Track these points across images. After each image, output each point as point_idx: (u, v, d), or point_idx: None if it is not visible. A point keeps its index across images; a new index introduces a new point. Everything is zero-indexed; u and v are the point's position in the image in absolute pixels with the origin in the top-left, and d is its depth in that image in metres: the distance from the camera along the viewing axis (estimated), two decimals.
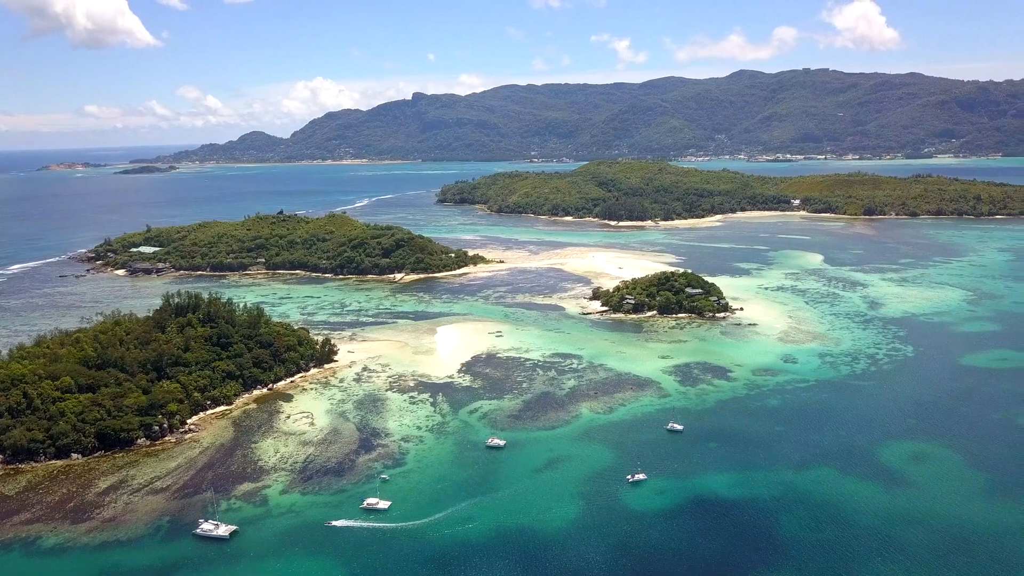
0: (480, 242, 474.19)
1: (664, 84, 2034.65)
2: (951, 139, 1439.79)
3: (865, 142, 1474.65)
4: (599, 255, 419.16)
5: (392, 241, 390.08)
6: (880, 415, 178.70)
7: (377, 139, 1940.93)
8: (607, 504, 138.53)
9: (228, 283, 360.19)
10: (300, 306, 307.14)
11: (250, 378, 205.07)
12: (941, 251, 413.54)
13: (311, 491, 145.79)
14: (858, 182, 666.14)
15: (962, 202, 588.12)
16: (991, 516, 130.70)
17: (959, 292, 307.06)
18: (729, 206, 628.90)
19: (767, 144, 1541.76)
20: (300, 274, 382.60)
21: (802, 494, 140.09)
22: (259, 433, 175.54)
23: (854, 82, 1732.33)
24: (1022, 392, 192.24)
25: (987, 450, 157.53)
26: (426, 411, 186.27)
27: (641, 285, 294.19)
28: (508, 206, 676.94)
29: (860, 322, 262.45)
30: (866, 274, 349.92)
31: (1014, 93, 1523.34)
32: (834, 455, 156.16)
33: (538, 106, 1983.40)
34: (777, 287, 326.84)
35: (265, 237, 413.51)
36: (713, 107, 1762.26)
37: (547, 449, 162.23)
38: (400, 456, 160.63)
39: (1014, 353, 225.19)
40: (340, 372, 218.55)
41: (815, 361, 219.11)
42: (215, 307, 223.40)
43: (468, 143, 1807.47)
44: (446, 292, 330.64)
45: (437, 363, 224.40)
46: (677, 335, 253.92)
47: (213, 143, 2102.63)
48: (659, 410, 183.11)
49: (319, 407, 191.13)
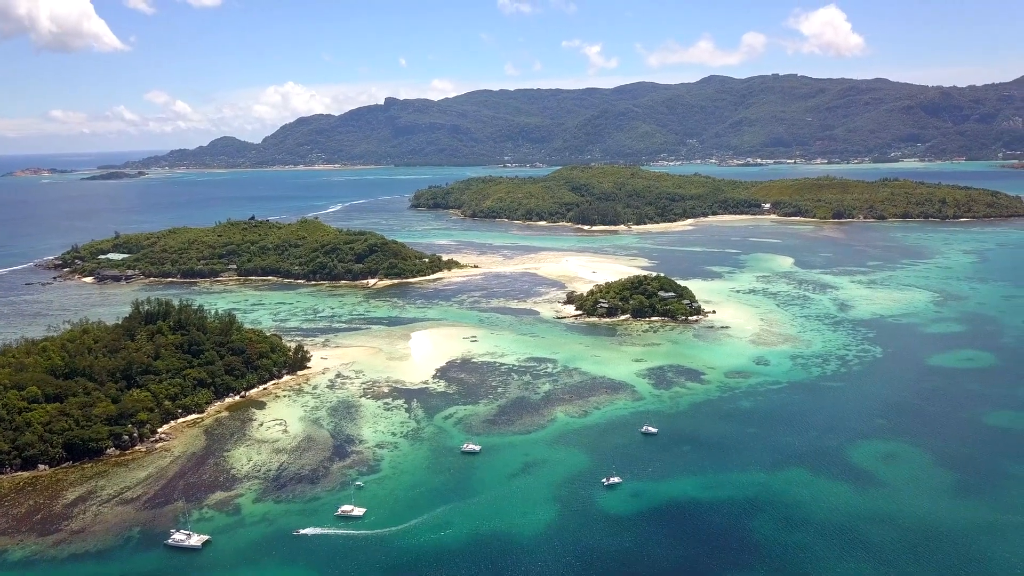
0: (454, 247, 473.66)
1: (636, 89, 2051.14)
2: (916, 143, 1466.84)
3: (833, 146, 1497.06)
4: (573, 259, 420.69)
5: (365, 246, 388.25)
6: (850, 416, 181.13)
7: (349, 144, 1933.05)
8: (582, 508, 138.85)
9: (199, 290, 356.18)
10: (272, 312, 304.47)
11: (222, 386, 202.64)
12: (908, 253, 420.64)
13: (285, 499, 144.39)
14: (827, 186, 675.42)
15: (928, 205, 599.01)
16: (959, 514, 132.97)
17: (926, 294, 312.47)
18: (701, 210, 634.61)
19: (738, 149, 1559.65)
20: (272, 280, 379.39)
21: (775, 495, 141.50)
22: (231, 441, 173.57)
23: (822, 87, 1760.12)
24: (988, 392, 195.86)
25: (954, 449, 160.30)
26: (401, 417, 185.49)
27: (614, 289, 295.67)
28: (482, 211, 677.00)
29: (830, 324, 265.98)
30: (835, 276, 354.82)
31: (976, 99, 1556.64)
32: (806, 456, 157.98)
33: (511, 111, 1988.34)
34: (748, 290, 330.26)
35: (236, 243, 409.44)
36: (684, 112, 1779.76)
37: (522, 454, 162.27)
38: (375, 463, 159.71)
39: (979, 353, 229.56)
40: (313, 379, 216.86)
41: (786, 363, 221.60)
42: (186, 314, 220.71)
43: (441, 148, 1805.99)
44: (420, 297, 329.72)
45: (411, 369, 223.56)
46: (650, 338, 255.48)
47: (183, 148, 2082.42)
48: (633, 413, 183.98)
49: (292, 414, 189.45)
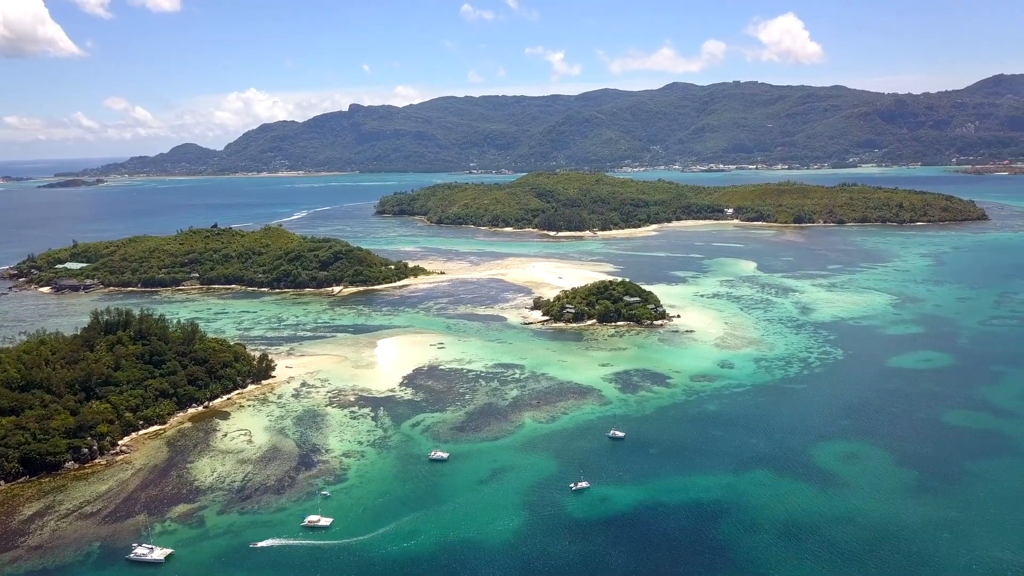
0: (420, 254, 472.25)
1: (600, 96, 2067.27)
2: (874, 149, 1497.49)
3: (794, 152, 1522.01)
4: (539, 265, 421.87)
5: (330, 254, 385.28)
6: (813, 417, 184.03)
7: (313, 151, 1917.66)
8: (550, 514, 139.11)
9: (160, 299, 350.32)
10: (236, 321, 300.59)
11: (185, 396, 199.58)
12: (867, 257, 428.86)
13: (250, 510, 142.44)
14: (788, 191, 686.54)
15: (885, 210, 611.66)
16: (918, 512, 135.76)
17: (884, 296, 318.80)
18: (665, 216, 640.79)
19: (700, 155, 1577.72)
20: (235, 289, 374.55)
21: (741, 497, 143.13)
22: (195, 452, 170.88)
23: (782, 94, 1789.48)
24: (945, 391, 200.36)
25: (914, 448, 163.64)
26: (367, 426, 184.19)
27: (581, 294, 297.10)
28: (448, 217, 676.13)
29: (792, 327, 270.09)
30: (797, 280, 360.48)
31: (930, 106, 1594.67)
32: (770, 458, 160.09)
33: (476, 118, 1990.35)
34: (712, 294, 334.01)
35: (199, 251, 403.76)
36: (648, 119, 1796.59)
37: (491, 460, 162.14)
38: (341, 472, 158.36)
39: (936, 354, 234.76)
40: (278, 388, 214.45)
41: (750, 366, 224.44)
42: (147, 324, 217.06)
43: (406, 154, 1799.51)
44: (386, 304, 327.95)
45: (378, 377, 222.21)
46: (616, 343, 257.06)
47: (143, 155, 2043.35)
48: (600, 418, 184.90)
49: (257, 424, 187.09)
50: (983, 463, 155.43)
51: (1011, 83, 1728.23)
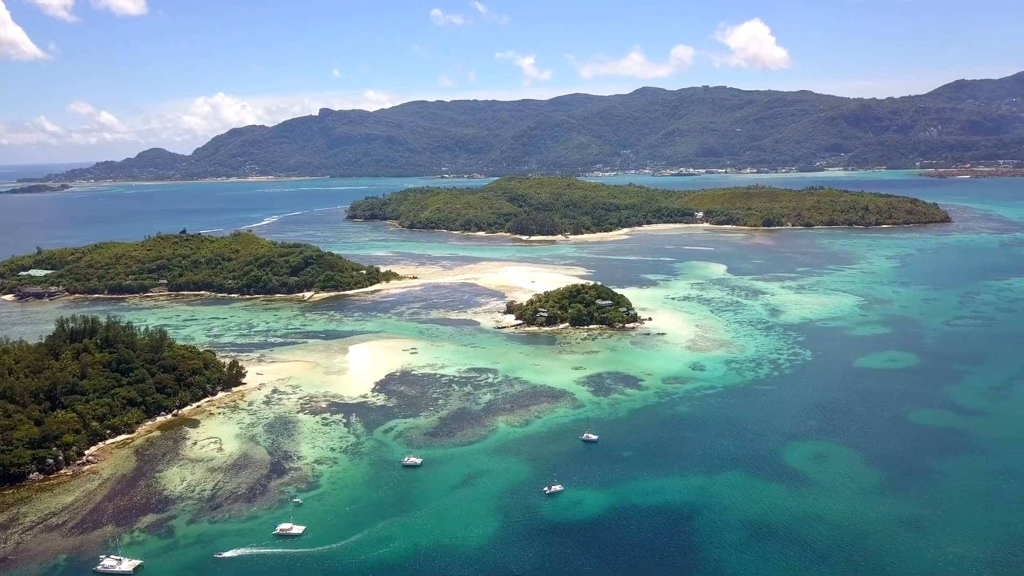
0: (392, 258, 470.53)
1: (570, 101, 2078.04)
2: (840, 153, 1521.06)
3: (762, 156, 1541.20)
4: (512, 269, 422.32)
5: (300, 259, 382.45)
6: (783, 418, 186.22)
7: (283, 155, 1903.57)
8: (525, 517, 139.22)
9: (128, 306, 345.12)
10: (205, 328, 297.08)
11: (153, 404, 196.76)
12: (834, 259, 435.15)
13: (221, 519, 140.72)
14: (756, 195, 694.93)
15: (852, 213, 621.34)
16: (886, 510, 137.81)
17: (852, 298, 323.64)
18: (636, 220, 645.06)
19: (671, 159, 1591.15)
20: (205, 295, 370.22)
21: (713, 498, 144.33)
22: (164, 461, 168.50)
23: (750, 99, 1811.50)
24: (911, 391, 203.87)
25: (882, 448, 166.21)
26: (340, 432, 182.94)
27: (553, 298, 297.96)
28: (420, 222, 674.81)
29: (762, 329, 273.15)
30: (767, 282, 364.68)
31: (895, 110, 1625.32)
32: (742, 458, 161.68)
33: (447, 122, 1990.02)
34: (683, 297, 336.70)
35: (167, 257, 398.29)
36: (618, 123, 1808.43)
37: (464, 465, 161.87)
38: (314, 479, 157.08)
39: (903, 354, 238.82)
40: (249, 395, 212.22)
41: (721, 368, 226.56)
42: (114, 331, 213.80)
43: (377, 159, 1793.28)
44: (358, 310, 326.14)
45: (350, 383, 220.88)
46: (589, 346, 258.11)
47: (109, 160, 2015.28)
48: (574, 421, 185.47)
49: (228, 432, 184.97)
50: (948, 461, 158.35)
51: (972, 88, 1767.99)
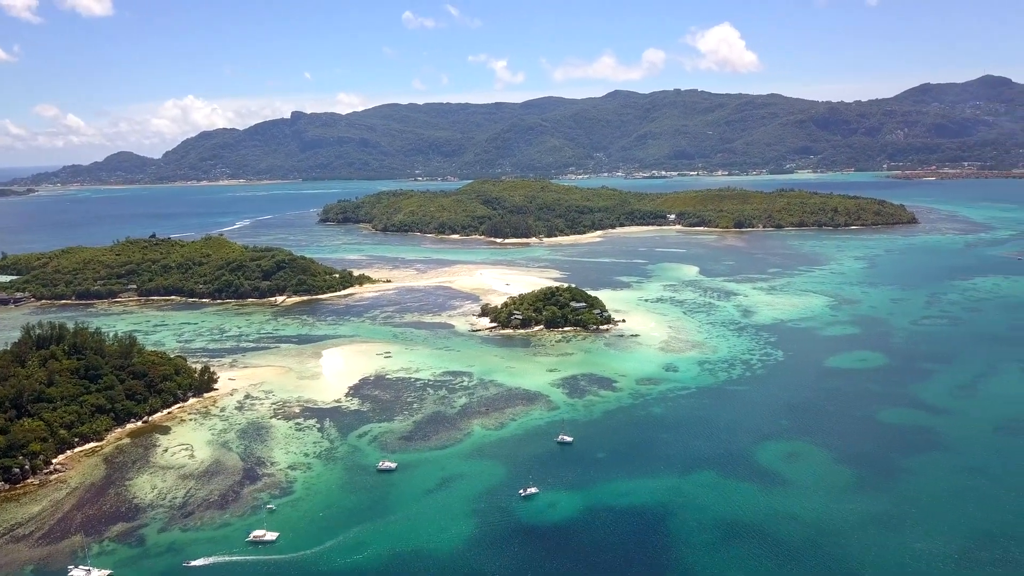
0: (366, 262, 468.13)
1: (543, 104, 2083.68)
2: (809, 155, 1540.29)
3: (733, 159, 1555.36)
4: (486, 272, 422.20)
5: (273, 263, 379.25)
6: (756, 418, 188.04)
7: (255, 158, 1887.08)
8: (500, 520, 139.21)
9: (96, 312, 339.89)
10: (176, 333, 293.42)
11: (123, 411, 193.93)
12: (805, 260, 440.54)
13: (192, 527, 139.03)
14: (728, 197, 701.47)
15: (821, 214, 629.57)
16: (856, 508, 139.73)
17: (822, 298, 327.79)
18: (609, 222, 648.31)
19: (643, 161, 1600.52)
20: (175, 300, 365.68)
21: (688, 498, 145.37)
22: (134, 469, 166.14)
23: (721, 102, 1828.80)
24: (880, 390, 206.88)
25: (852, 446, 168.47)
26: (313, 437, 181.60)
27: (528, 300, 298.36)
28: (393, 225, 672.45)
29: (735, 330, 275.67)
30: (738, 284, 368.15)
31: (862, 113, 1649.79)
32: (715, 459, 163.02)
33: (420, 125, 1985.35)
34: (657, 298, 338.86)
35: (136, 262, 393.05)
36: (591, 126, 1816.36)
37: (439, 469, 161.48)
38: (287, 485, 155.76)
39: (872, 354, 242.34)
40: (221, 401, 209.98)
41: (695, 369, 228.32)
42: (82, 337, 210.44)
43: (350, 162, 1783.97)
44: (331, 314, 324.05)
45: (323, 387, 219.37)
46: (564, 348, 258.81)
47: (76, 164, 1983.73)
48: (549, 423, 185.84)
49: (199, 438, 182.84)
50: (916, 459, 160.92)
51: (937, 92, 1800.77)
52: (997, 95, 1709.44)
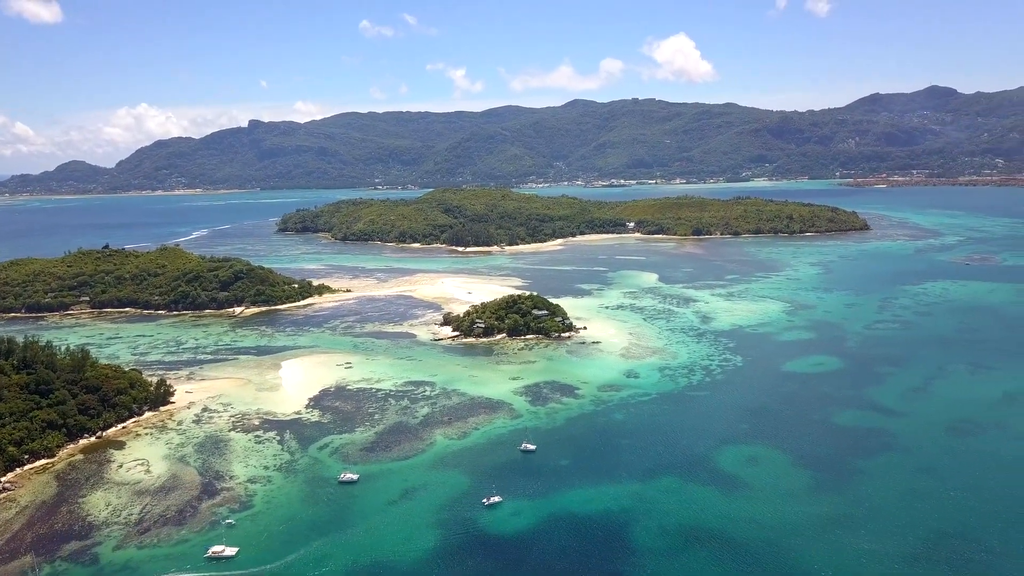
0: (325, 271, 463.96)
1: (503, 113, 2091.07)
2: (765, 164, 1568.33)
3: (691, 167, 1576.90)
4: (448, 281, 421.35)
5: (230, 273, 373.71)
6: (715, 422, 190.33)
7: (211, 168, 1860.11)
8: (464, 530, 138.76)
9: (47, 325, 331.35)
10: (131, 346, 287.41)
11: (75, 426, 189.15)
12: (761, 267, 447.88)
13: (149, 544, 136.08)
14: (686, 204, 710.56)
15: (777, 221, 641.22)
16: (814, 510, 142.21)
17: (779, 304, 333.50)
18: (569, 230, 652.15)
19: (602, 170, 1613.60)
20: (130, 312, 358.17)
21: (650, 504, 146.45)
22: (87, 486, 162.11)
23: (678, 111, 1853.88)
24: (835, 393, 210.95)
25: (809, 449, 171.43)
26: (273, 450, 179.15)
27: (490, 309, 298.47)
28: (353, 234, 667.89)
29: (694, 336, 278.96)
30: (697, 290, 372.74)
31: (815, 122, 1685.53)
32: (676, 464, 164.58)
33: (380, 133, 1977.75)
34: (617, 306, 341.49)
35: (89, 274, 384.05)
36: (551, 135, 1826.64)
37: (402, 479, 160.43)
38: (247, 499, 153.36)
39: (827, 358, 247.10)
40: (178, 414, 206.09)
41: (655, 375, 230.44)
42: (32, 351, 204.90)
43: (309, 171, 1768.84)
44: (290, 324, 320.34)
45: (283, 399, 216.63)
46: (526, 356, 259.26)
47: (26, 174, 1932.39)
48: (512, 431, 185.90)
49: (155, 453, 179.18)
50: (871, 460, 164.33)
51: (886, 102, 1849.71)
52: (943, 105, 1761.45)
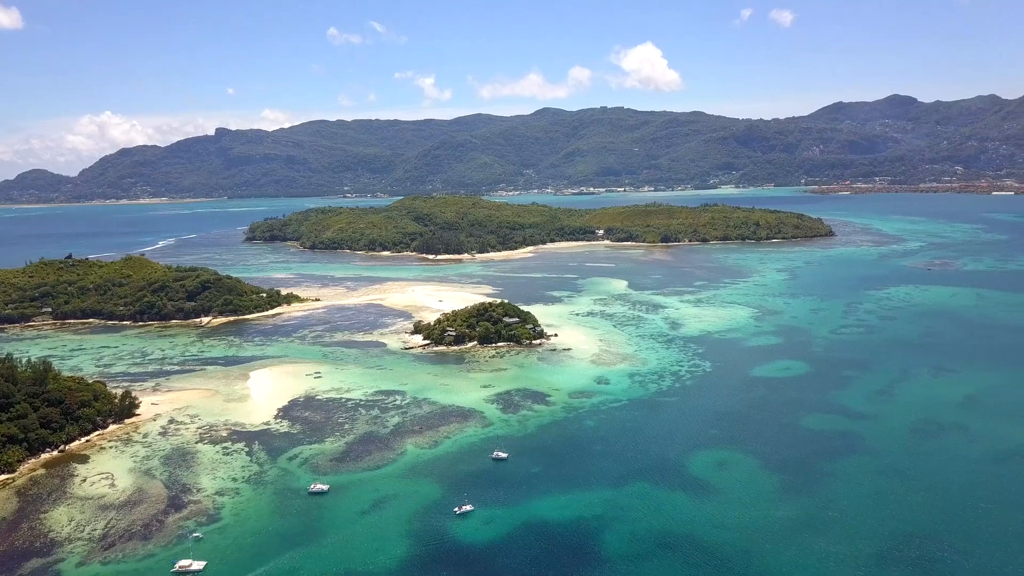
0: (294, 280, 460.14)
1: (473, 121, 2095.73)
2: (732, 171, 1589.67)
3: (659, 175, 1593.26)
4: (419, 289, 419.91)
5: (197, 283, 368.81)
6: (686, 428, 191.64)
7: (178, 176, 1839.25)
8: (435, 539, 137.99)
9: (8, 337, 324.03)
10: (95, 358, 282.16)
11: (37, 441, 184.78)
12: (729, 273, 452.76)
13: (114, 559, 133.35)
14: (654, 212, 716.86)
15: (744, 228, 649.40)
16: (784, 513, 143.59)
17: (747, 310, 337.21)
18: (540, 238, 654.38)
19: (572, 178, 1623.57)
20: (94, 323, 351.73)
21: (621, 510, 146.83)
22: (49, 501, 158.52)
23: (646, 120, 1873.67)
24: (803, 397, 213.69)
25: (778, 453, 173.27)
26: (242, 461, 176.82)
27: (461, 317, 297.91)
28: (322, 242, 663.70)
29: (663, 342, 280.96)
30: (666, 297, 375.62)
31: (780, 130, 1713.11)
32: (648, 469, 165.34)
33: (349, 141, 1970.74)
34: (587, 312, 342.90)
35: (51, 284, 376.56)
36: (521, 143, 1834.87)
37: (373, 489, 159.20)
38: (215, 512, 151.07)
39: (794, 362, 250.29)
40: (143, 426, 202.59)
41: (625, 381, 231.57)
42: None
43: (277, 179, 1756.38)
44: (259, 334, 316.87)
45: (251, 410, 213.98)
46: (497, 364, 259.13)
47: None
48: (483, 440, 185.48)
49: (120, 466, 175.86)
50: (838, 463, 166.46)
51: (849, 110, 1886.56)
52: (904, 113, 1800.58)
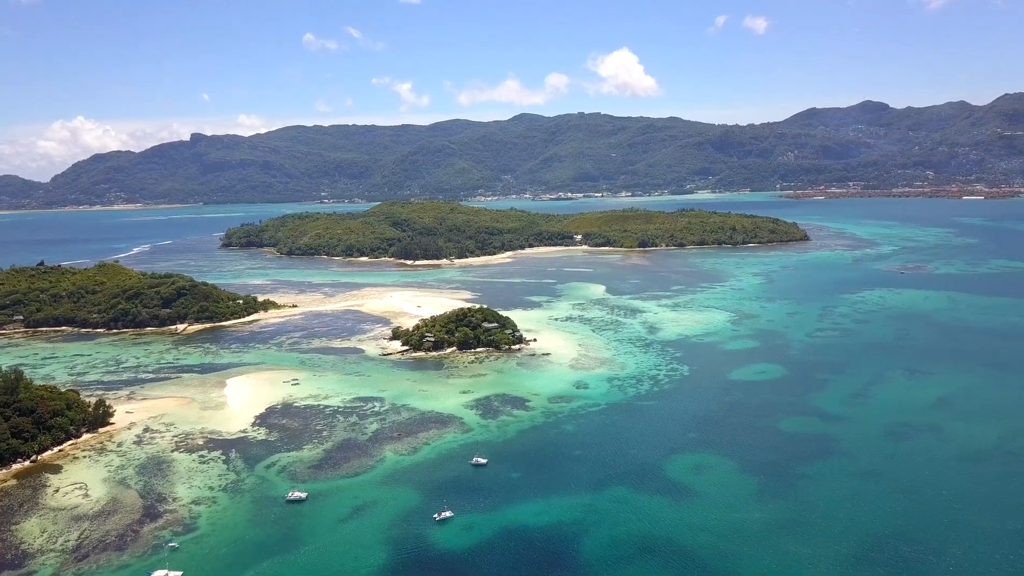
0: (271, 286, 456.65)
1: (451, 126, 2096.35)
2: (708, 176, 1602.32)
3: (636, 180, 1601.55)
4: (397, 294, 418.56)
5: (173, 290, 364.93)
6: (664, 431, 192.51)
7: (152, 182, 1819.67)
8: (415, 546, 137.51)
9: None
10: (68, 366, 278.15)
11: (8, 451, 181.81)
12: (706, 277, 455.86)
13: (87, 570, 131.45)
14: (632, 217, 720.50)
15: (720, 233, 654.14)
16: (762, 516, 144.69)
17: (724, 314, 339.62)
18: (518, 243, 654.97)
19: (550, 183, 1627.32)
20: (67, 331, 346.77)
21: (601, 514, 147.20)
22: (21, 512, 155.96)
23: (623, 125, 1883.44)
24: (780, 400, 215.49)
25: (755, 456, 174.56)
26: (218, 470, 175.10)
27: (440, 322, 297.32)
28: (299, 248, 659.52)
29: (641, 346, 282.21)
30: (644, 301, 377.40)
31: (755, 136, 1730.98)
32: (627, 473, 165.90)
33: (326, 147, 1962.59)
34: (566, 317, 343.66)
35: (23, 292, 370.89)
36: (498, 148, 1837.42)
37: (352, 497, 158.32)
38: (191, 521, 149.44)
39: (771, 366, 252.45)
40: (118, 435, 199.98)
41: (604, 386, 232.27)
42: None
43: (254, 185, 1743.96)
44: (235, 341, 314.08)
45: (228, 418, 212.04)
46: (477, 369, 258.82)
47: None
48: (463, 445, 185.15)
49: (94, 476, 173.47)
50: (814, 465, 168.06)
51: (823, 116, 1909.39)
52: (876, 119, 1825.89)
